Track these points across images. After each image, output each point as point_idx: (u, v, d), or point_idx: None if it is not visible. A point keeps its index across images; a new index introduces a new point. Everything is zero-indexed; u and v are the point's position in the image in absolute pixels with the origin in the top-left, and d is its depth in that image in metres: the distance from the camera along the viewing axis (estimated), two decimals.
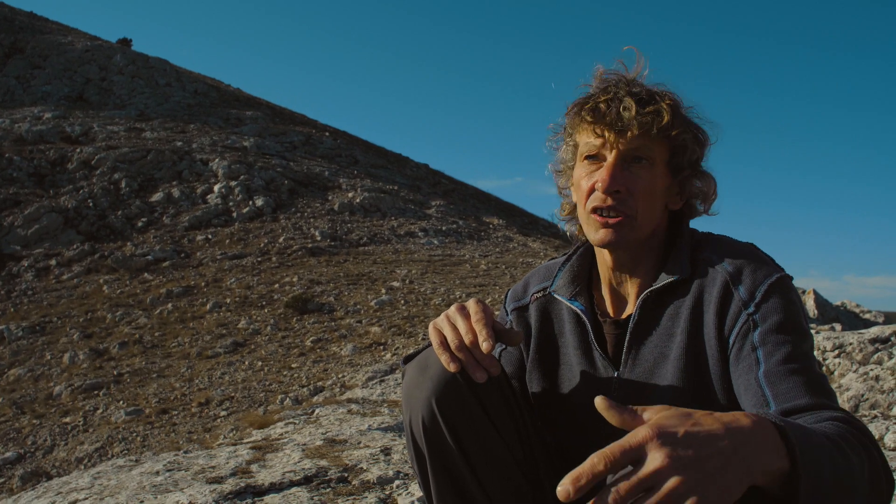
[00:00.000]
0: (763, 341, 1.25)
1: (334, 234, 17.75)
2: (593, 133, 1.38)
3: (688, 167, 1.41)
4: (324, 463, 3.07)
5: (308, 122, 30.55)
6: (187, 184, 19.95)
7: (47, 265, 16.17)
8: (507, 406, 1.40)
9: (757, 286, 1.29)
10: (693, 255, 1.40)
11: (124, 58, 29.30)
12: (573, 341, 1.49)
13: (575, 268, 1.54)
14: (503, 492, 1.37)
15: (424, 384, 1.34)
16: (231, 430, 8.04)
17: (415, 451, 1.38)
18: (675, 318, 1.37)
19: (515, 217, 25.78)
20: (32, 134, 21.85)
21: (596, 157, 1.40)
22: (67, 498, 2.85)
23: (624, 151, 1.36)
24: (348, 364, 9.96)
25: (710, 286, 1.34)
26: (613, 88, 1.39)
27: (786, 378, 1.21)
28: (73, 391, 10.33)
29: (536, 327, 1.55)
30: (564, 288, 1.52)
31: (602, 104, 1.37)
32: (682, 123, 1.39)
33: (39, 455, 8.74)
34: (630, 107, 1.34)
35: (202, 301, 13.75)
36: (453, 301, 12.46)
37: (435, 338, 1.31)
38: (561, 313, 1.53)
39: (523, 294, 1.61)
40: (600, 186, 1.36)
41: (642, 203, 1.37)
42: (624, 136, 1.35)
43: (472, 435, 1.34)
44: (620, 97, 1.36)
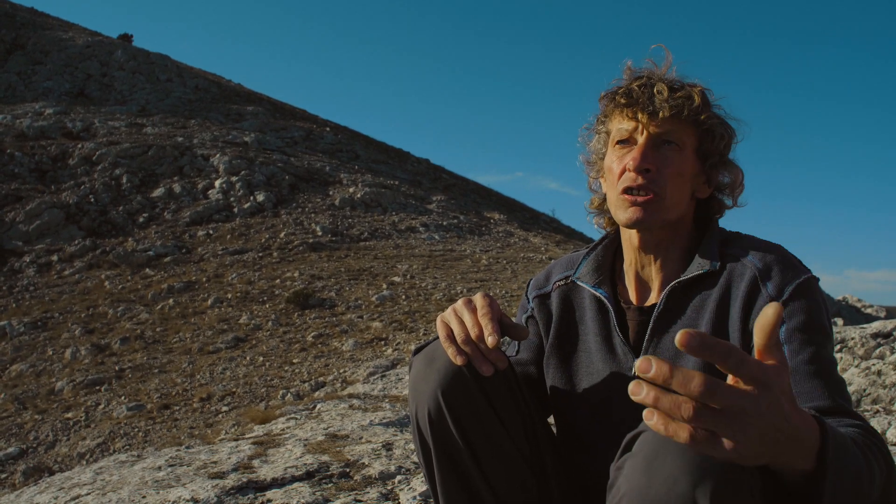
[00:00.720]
0: (789, 339, 1.26)
1: (335, 230, 17.75)
2: (626, 116, 1.42)
3: (715, 155, 1.44)
4: (325, 458, 3.07)
5: (309, 117, 30.52)
6: (188, 179, 19.95)
7: (49, 261, 16.18)
8: (513, 400, 1.40)
9: (785, 284, 1.30)
10: (722, 249, 1.41)
11: (125, 53, 29.27)
12: (594, 328, 1.49)
13: (599, 257, 1.55)
14: (508, 485, 1.37)
15: (431, 377, 1.34)
16: (233, 426, 8.05)
17: (420, 443, 1.38)
18: (699, 310, 1.37)
19: (516, 212, 25.76)
20: (34, 130, 21.85)
21: (627, 142, 1.43)
22: (70, 493, 2.86)
23: (654, 134, 1.40)
24: (349, 359, 9.97)
25: (738, 280, 1.34)
26: (646, 77, 1.43)
27: (809, 378, 1.22)
28: (74, 387, 10.34)
29: (558, 314, 1.56)
30: (588, 275, 1.53)
31: (636, 88, 1.41)
32: (712, 110, 1.43)
33: (41, 450, 8.76)
34: (663, 90, 1.38)
35: (203, 296, 13.76)
36: (454, 296, 12.46)
37: (442, 331, 1.32)
38: (583, 301, 1.54)
39: (545, 282, 1.62)
40: (632, 165, 1.39)
41: (671, 184, 1.39)
42: (656, 117, 1.38)
43: (478, 428, 1.34)
44: (653, 82, 1.40)
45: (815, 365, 1.23)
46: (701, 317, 1.37)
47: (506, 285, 13.10)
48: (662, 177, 1.38)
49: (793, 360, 1.24)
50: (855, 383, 3.77)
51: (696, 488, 0.99)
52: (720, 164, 1.45)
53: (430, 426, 1.34)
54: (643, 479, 1.03)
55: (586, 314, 1.52)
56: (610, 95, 1.45)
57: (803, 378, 1.22)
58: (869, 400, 3.66)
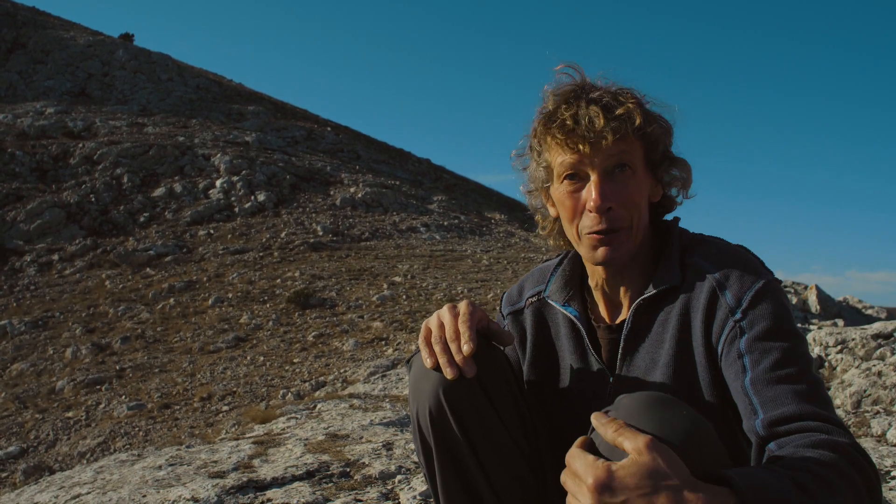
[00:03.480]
0: (749, 349, 1.24)
1: (336, 229, 17.74)
2: (567, 149, 1.34)
3: (662, 159, 1.40)
4: (326, 458, 3.07)
5: (310, 117, 30.53)
6: (189, 179, 19.95)
7: (50, 260, 16.19)
8: (512, 398, 1.40)
9: (744, 292, 1.28)
10: (682, 258, 1.38)
11: (126, 53, 29.28)
12: (569, 346, 1.49)
13: (567, 272, 1.53)
14: (508, 482, 1.38)
15: (432, 375, 1.33)
16: (233, 425, 8.05)
17: (421, 441, 1.38)
18: (664, 325, 1.36)
19: (517, 212, 25.74)
20: (35, 129, 21.86)
21: (576, 176, 1.36)
22: (70, 492, 2.86)
23: (605, 163, 1.33)
24: (350, 359, 9.97)
25: (697, 293, 1.32)
26: (574, 100, 1.35)
27: (772, 385, 1.20)
28: (75, 386, 10.35)
29: (532, 331, 1.56)
30: (557, 293, 1.52)
31: (569, 119, 1.32)
32: (651, 118, 1.37)
33: (42, 449, 8.76)
34: (597, 114, 1.30)
35: (204, 296, 13.76)
36: (455, 296, 12.46)
37: (421, 333, 1.33)
38: (556, 317, 1.53)
39: (518, 298, 1.61)
40: (592, 206, 1.33)
41: (635, 212, 1.35)
42: (599, 146, 1.32)
43: (479, 426, 1.34)
44: (584, 107, 1.32)
45: (778, 370, 1.21)
46: (665, 332, 1.35)
47: (507, 286, 13.10)
48: (625, 209, 1.34)
49: (754, 371, 1.22)
50: (855, 384, 3.77)
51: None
52: (667, 164, 1.41)
53: (430, 424, 1.34)
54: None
55: (560, 331, 1.51)
56: (543, 125, 1.37)
57: (766, 385, 1.20)
58: (870, 401, 3.65)
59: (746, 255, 1.35)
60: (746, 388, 1.22)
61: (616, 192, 1.34)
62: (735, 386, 1.24)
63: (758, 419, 1.19)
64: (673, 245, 1.40)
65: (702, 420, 1.10)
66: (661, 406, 1.09)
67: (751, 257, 1.35)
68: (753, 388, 1.21)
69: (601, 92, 1.35)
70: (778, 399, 1.19)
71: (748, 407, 1.21)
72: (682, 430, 1.06)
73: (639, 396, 1.12)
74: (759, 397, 1.20)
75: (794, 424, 1.15)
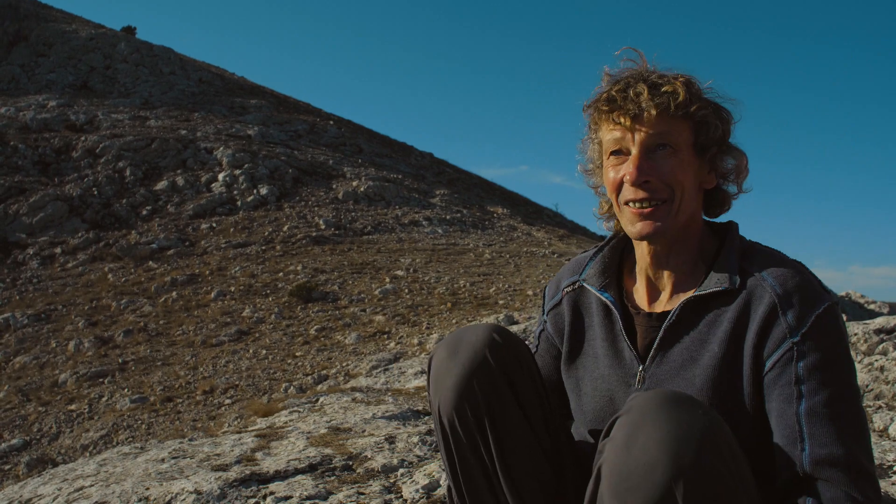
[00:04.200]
0: (809, 376, 1.24)
1: (338, 223, 17.74)
2: (612, 123, 1.37)
3: (714, 144, 1.39)
4: (328, 451, 3.08)
5: (312, 110, 30.48)
6: (192, 172, 19.94)
7: (52, 253, 16.20)
8: (536, 394, 1.40)
9: (805, 315, 1.26)
10: (742, 264, 1.36)
11: (129, 46, 29.24)
12: (601, 333, 1.48)
13: (606, 259, 1.53)
14: (527, 476, 1.37)
15: (455, 366, 1.34)
16: (235, 418, 8.07)
17: (442, 434, 1.38)
18: (712, 326, 1.34)
19: (520, 206, 25.72)
20: (37, 122, 21.85)
21: (620, 152, 1.38)
22: (73, 485, 2.86)
23: (646, 141, 1.34)
24: (352, 353, 9.97)
25: (756, 303, 1.30)
26: (625, 79, 1.38)
27: (827, 422, 1.21)
28: (78, 379, 10.37)
29: (569, 321, 1.55)
30: (594, 278, 1.51)
31: (616, 94, 1.36)
32: (700, 99, 1.37)
33: (45, 442, 8.79)
34: (643, 91, 1.33)
35: (206, 289, 13.77)
36: (457, 290, 12.46)
37: None
38: (590, 306, 1.53)
39: (556, 291, 1.61)
40: (628, 179, 1.35)
41: (676, 188, 1.35)
42: (641, 120, 1.33)
43: (502, 418, 1.34)
44: (633, 84, 1.35)
45: (831, 408, 1.21)
46: (713, 333, 1.34)
47: (509, 279, 13.10)
48: (664, 183, 1.34)
49: (810, 401, 1.22)
50: (858, 379, 3.77)
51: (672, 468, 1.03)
52: (722, 151, 1.40)
53: (455, 414, 1.33)
54: (622, 461, 1.07)
55: (594, 319, 1.51)
56: (593, 104, 1.41)
57: (818, 421, 1.21)
58: (872, 396, 3.65)
59: (807, 274, 1.33)
60: (800, 415, 1.22)
61: (654, 167, 1.35)
62: (784, 409, 1.24)
63: (805, 453, 1.20)
64: (732, 247, 1.39)
65: (718, 419, 1.11)
66: (677, 404, 1.09)
67: (811, 276, 1.33)
68: (808, 419, 1.22)
69: (656, 75, 1.38)
70: (828, 437, 1.20)
71: (795, 434, 1.22)
72: (699, 428, 1.06)
73: (653, 395, 1.12)
74: (810, 429, 1.21)
75: (835, 471, 1.18)
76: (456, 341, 1.38)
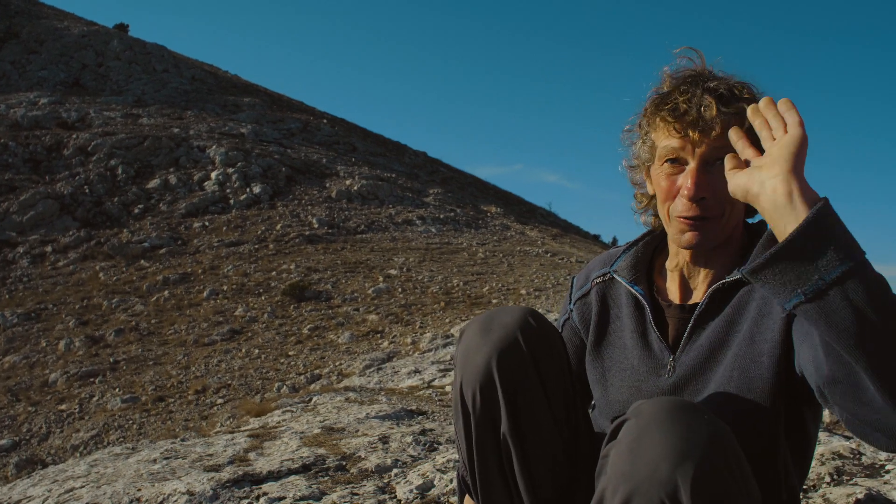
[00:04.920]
0: None
1: (332, 222, 17.70)
2: (674, 132, 1.35)
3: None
4: (322, 451, 3.05)
5: (306, 109, 30.43)
6: (184, 171, 19.87)
7: (43, 252, 16.11)
8: (563, 382, 1.41)
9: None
10: None
11: (121, 43, 29.12)
12: (630, 324, 1.49)
13: (639, 254, 1.53)
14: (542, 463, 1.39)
15: (485, 344, 1.35)
16: (228, 418, 8.04)
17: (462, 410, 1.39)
18: (739, 308, 1.36)
19: (513, 205, 25.74)
20: (28, 119, 21.73)
21: (676, 161, 1.36)
22: (64, 486, 2.83)
23: (707, 154, 1.33)
24: (345, 352, 9.95)
25: None
26: (690, 87, 1.35)
27: None
28: (68, 378, 10.31)
29: (596, 311, 1.56)
30: (626, 271, 1.52)
31: (682, 103, 1.33)
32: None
33: (35, 442, 8.73)
34: (711, 105, 1.31)
35: (199, 288, 13.72)
36: (451, 289, 12.44)
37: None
38: (619, 298, 1.54)
39: (585, 281, 1.62)
40: (686, 194, 1.34)
41: (728, 204, 1.35)
42: (707, 134, 1.32)
43: (526, 403, 1.35)
44: (699, 94, 1.33)
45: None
46: (742, 314, 1.35)
47: (502, 279, 13.09)
48: (718, 200, 1.34)
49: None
50: None
51: (677, 473, 1.03)
52: None
53: (479, 391, 1.35)
54: (627, 466, 1.08)
55: (622, 310, 1.52)
56: (654, 106, 1.39)
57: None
58: None
59: None
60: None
61: (712, 183, 1.33)
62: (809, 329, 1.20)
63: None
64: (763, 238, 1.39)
65: (724, 427, 1.11)
66: (684, 411, 1.10)
67: None
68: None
69: (718, 82, 1.35)
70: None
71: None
72: (705, 434, 1.07)
73: (659, 402, 1.13)
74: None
75: None
76: (489, 320, 1.40)
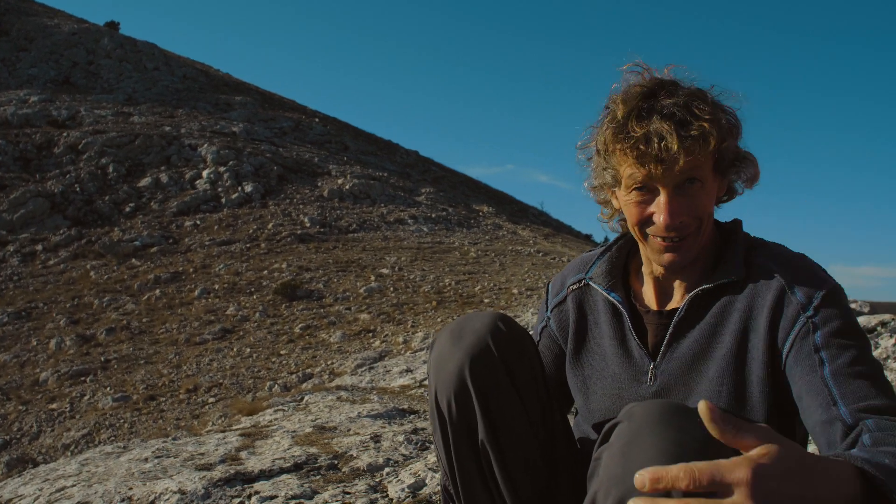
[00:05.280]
0: (826, 344, 1.24)
1: (324, 221, 17.69)
2: (637, 166, 1.31)
3: (731, 164, 1.38)
4: (313, 450, 3.06)
5: (298, 107, 30.38)
6: (175, 169, 19.81)
7: (33, 250, 16.04)
8: (535, 386, 1.41)
9: (815, 292, 1.28)
10: (747, 257, 1.38)
11: (112, 41, 28.99)
12: (609, 332, 1.48)
13: (613, 259, 1.52)
14: (521, 466, 1.38)
15: (457, 352, 1.35)
16: (220, 417, 8.03)
17: (439, 419, 1.39)
18: (721, 318, 1.35)
19: (505, 205, 25.78)
20: (18, 117, 21.62)
21: (644, 188, 1.33)
22: (55, 485, 2.83)
23: (676, 179, 1.31)
24: (337, 351, 9.95)
25: (764, 291, 1.32)
26: (644, 112, 1.30)
27: (854, 379, 1.20)
28: (59, 377, 10.27)
29: (573, 318, 1.55)
30: (601, 277, 1.50)
31: (640, 139, 1.28)
32: (725, 130, 1.33)
33: (25, 441, 8.70)
34: (670, 134, 1.26)
35: (190, 287, 13.69)
36: (443, 288, 12.46)
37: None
38: (596, 304, 1.52)
39: (561, 287, 1.60)
40: (661, 223, 1.32)
41: (705, 219, 1.35)
42: (672, 168, 1.29)
43: (500, 406, 1.35)
44: (657, 122, 1.28)
45: (858, 366, 1.21)
46: (723, 326, 1.34)
47: (494, 278, 13.11)
48: (694, 218, 1.33)
49: (833, 364, 1.22)
50: None
51: None
52: (736, 166, 1.39)
53: (454, 399, 1.34)
54: (619, 469, 1.06)
55: (600, 317, 1.51)
56: (611, 138, 1.33)
57: (848, 378, 1.20)
58: None
59: (811, 262, 1.35)
60: (826, 379, 1.21)
61: (685, 204, 1.32)
62: (811, 379, 1.23)
63: (841, 408, 1.18)
64: (738, 242, 1.40)
65: None
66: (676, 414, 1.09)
67: (816, 264, 1.35)
68: (834, 379, 1.21)
69: (673, 101, 1.30)
70: (861, 391, 1.19)
71: (827, 398, 1.21)
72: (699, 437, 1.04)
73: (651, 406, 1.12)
74: (839, 389, 1.20)
75: (882, 417, 1.15)
76: (460, 327, 1.39)
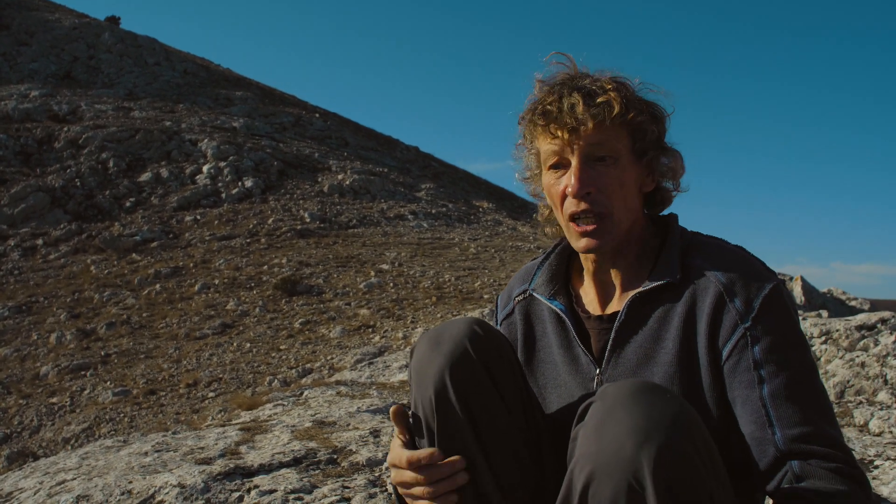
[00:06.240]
0: (766, 360, 1.26)
1: (324, 216, 17.69)
2: (549, 135, 1.37)
3: (651, 148, 1.41)
4: (313, 444, 3.07)
5: (298, 103, 30.34)
6: (176, 164, 19.80)
7: (34, 245, 16.04)
8: (516, 384, 1.41)
9: (752, 299, 1.29)
10: (683, 258, 1.38)
11: (112, 36, 28.95)
12: (556, 340, 1.50)
13: (553, 266, 1.54)
14: (508, 464, 1.39)
15: (437, 357, 1.35)
16: (219, 412, 8.04)
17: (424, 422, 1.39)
18: (663, 322, 1.36)
19: (505, 201, 25.75)
20: (19, 112, 21.60)
21: (560, 165, 1.39)
22: (55, 478, 2.84)
23: (586, 151, 1.36)
24: (337, 346, 9.96)
25: (702, 295, 1.33)
26: (558, 88, 1.38)
27: (790, 402, 1.24)
28: (59, 371, 10.29)
29: (521, 330, 1.57)
30: (543, 287, 1.52)
31: (550, 105, 1.36)
32: (636, 106, 1.38)
33: (26, 435, 8.72)
34: (577, 101, 1.33)
35: (190, 282, 13.69)
36: (442, 284, 12.47)
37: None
38: (542, 313, 1.54)
39: (508, 300, 1.62)
40: (570, 192, 1.36)
41: (617, 199, 1.37)
42: (579, 133, 1.34)
43: (483, 407, 1.36)
44: (567, 94, 1.35)
45: (795, 386, 1.25)
46: (665, 330, 1.36)
47: (494, 274, 13.12)
48: (605, 195, 1.36)
49: (771, 383, 1.25)
50: (839, 375, 3.81)
51: (641, 452, 1.05)
52: (658, 153, 1.42)
53: (435, 404, 1.35)
54: (593, 446, 1.10)
55: (547, 326, 1.52)
56: (528, 116, 1.41)
57: (784, 401, 1.24)
58: (853, 391, 3.70)
59: (749, 258, 1.36)
60: (765, 399, 1.25)
61: (596, 178, 1.35)
62: (748, 394, 1.27)
63: (776, 433, 1.23)
64: (673, 241, 1.41)
65: (688, 406, 1.14)
66: (647, 391, 1.12)
67: (753, 260, 1.36)
68: (772, 401, 1.24)
69: (589, 80, 1.38)
70: (795, 416, 1.23)
71: (762, 418, 1.24)
72: (670, 413, 1.09)
73: (624, 384, 1.15)
74: (776, 411, 1.24)
75: (813, 447, 1.21)
76: (438, 335, 1.40)
